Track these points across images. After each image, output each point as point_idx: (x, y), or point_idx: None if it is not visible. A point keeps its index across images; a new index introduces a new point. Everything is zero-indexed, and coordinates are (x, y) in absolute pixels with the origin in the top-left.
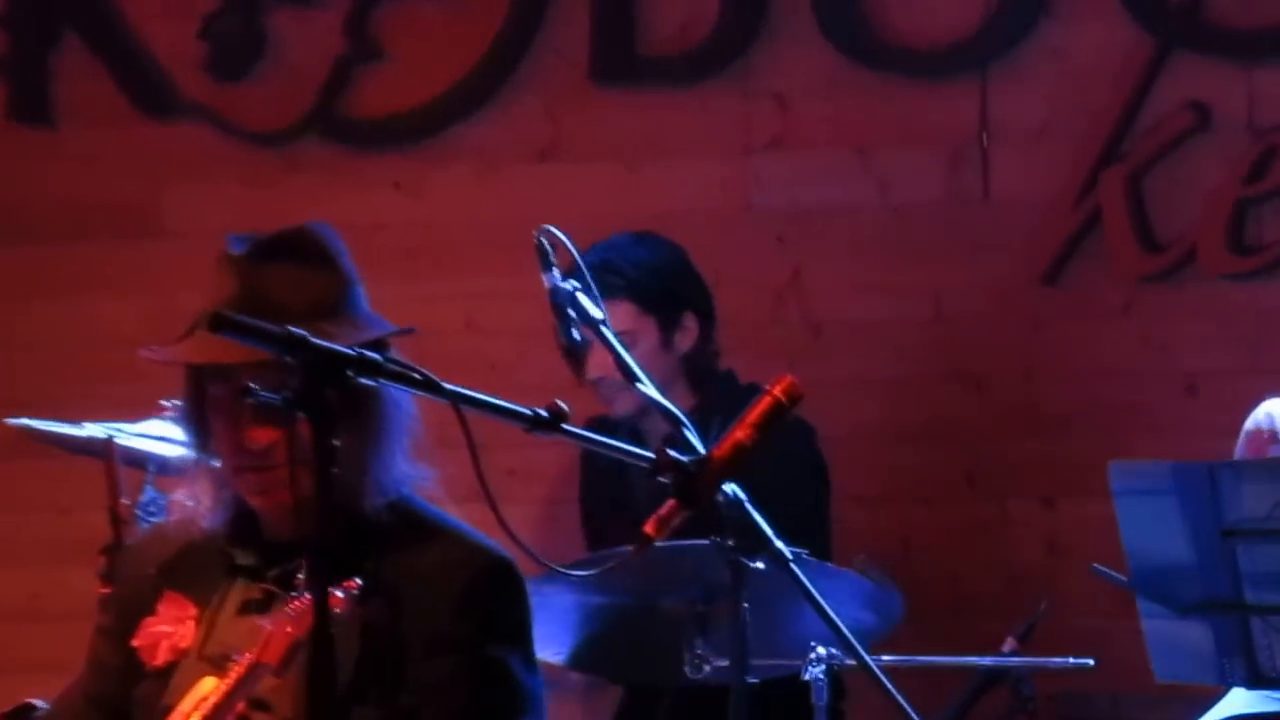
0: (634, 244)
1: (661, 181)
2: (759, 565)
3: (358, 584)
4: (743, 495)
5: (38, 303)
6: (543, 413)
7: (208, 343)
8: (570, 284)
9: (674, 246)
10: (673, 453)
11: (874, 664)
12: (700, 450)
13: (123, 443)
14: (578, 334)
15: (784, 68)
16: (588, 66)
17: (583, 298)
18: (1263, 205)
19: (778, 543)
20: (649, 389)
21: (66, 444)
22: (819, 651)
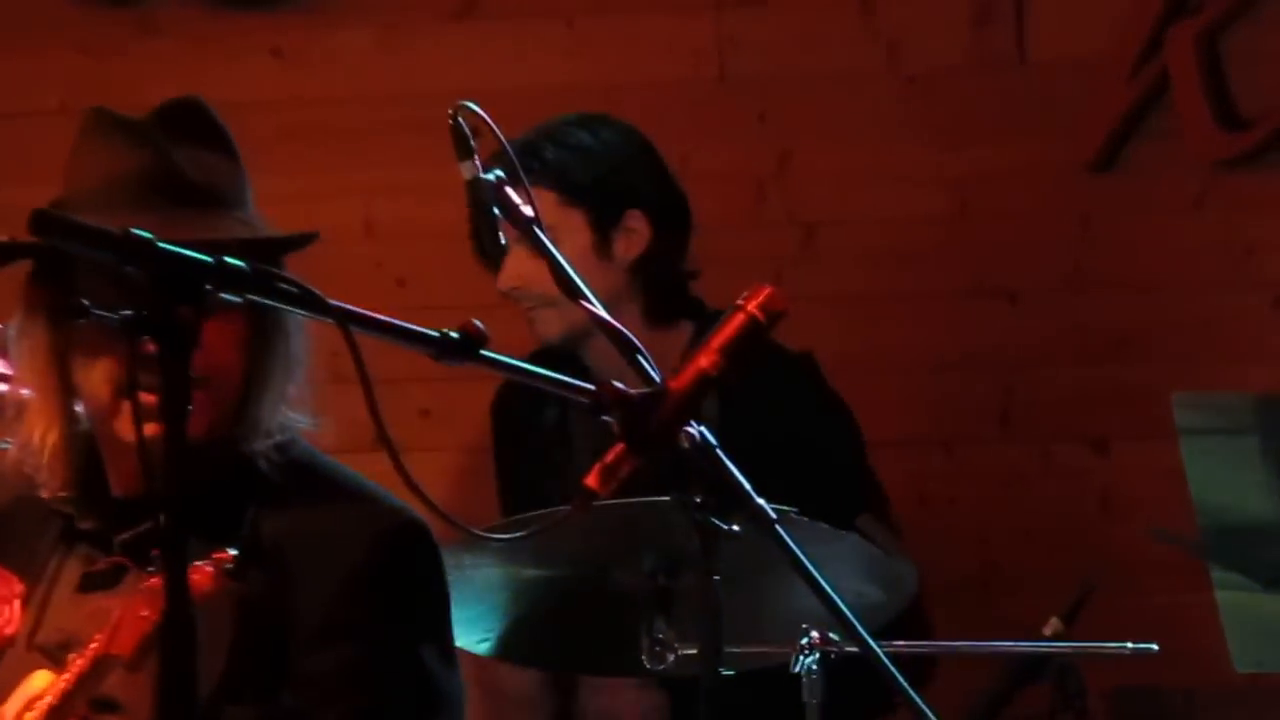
0: (571, 125)
1: (610, 44)
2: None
3: (231, 555)
4: (712, 439)
5: None
6: (453, 334)
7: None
8: (494, 174)
9: (627, 130)
10: (619, 385)
11: (880, 650)
12: (656, 381)
13: None
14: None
15: None
16: None
17: (510, 191)
18: None
19: (758, 499)
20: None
21: None
22: (812, 636)
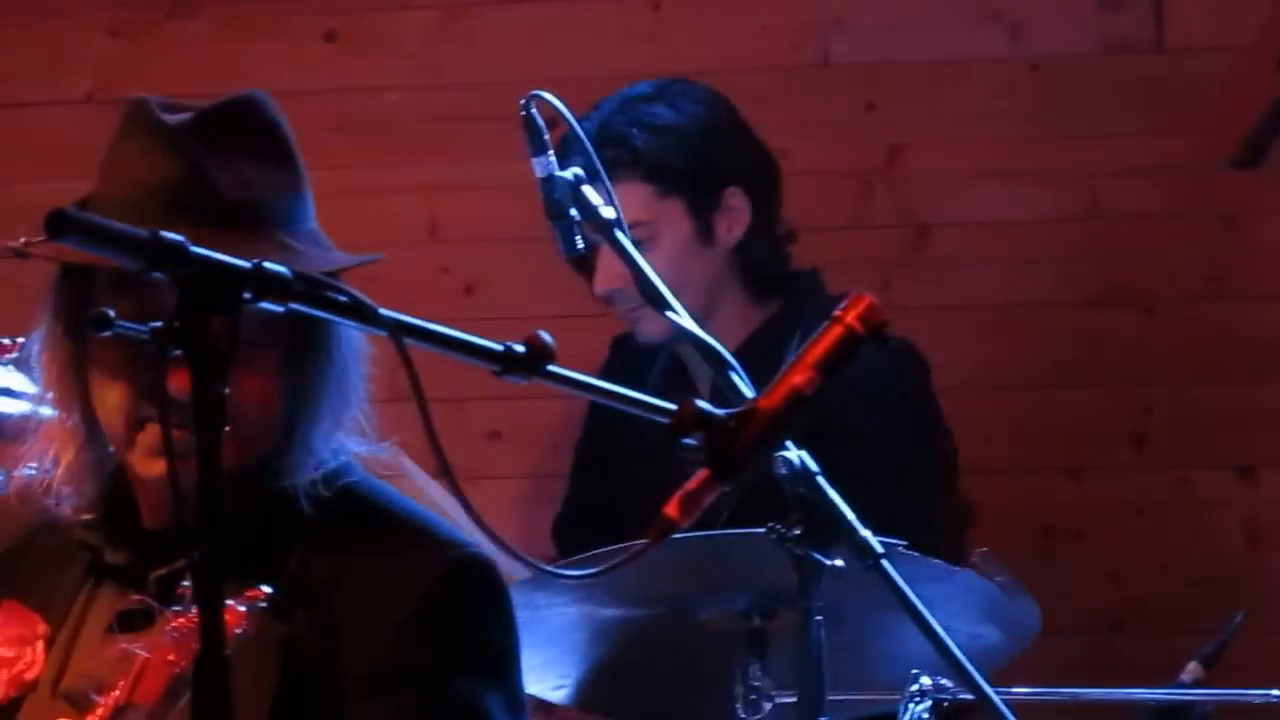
0: (648, 98)
1: (700, 26)
2: (837, 563)
3: (265, 593)
4: (813, 465)
5: None
6: (518, 348)
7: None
8: (571, 172)
9: (706, 96)
10: (702, 404)
11: (998, 698)
12: (748, 399)
13: None
14: (581, 240)
15: None
16: None
17: (589, 190)
18: None
19: (863, 531)
20: (682, 318)
21: None
22: (923, 682)
